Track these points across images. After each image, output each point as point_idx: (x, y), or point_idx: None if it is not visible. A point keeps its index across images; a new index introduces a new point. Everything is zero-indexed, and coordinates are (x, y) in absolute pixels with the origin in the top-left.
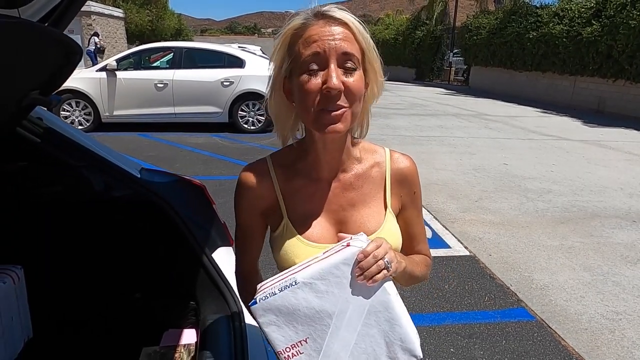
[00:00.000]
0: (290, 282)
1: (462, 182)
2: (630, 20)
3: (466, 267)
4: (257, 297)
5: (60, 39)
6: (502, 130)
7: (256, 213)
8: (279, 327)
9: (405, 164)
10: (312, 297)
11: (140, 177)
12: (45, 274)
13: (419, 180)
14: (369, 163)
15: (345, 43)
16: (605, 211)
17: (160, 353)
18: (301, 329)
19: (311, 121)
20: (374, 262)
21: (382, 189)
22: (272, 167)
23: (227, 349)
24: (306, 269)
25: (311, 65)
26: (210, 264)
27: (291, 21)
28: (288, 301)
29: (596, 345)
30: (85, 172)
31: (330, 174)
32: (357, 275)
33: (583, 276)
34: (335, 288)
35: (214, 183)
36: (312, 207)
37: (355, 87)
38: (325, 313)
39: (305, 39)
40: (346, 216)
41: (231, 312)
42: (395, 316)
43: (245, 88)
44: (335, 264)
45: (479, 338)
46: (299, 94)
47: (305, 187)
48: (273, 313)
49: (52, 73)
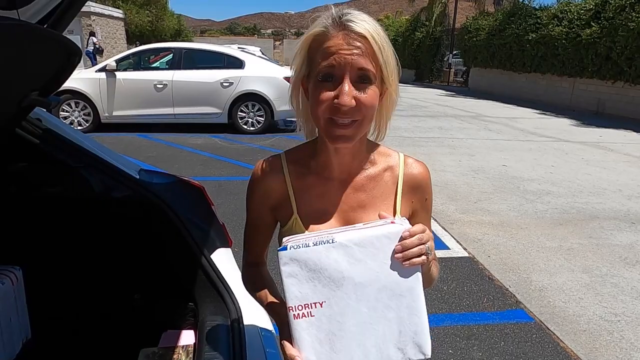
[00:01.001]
0: (327, 239)
1: (461, 184)
2: (629, 22)
3: (465, 268)
4: (288, 243)
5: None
6: (501, 131)
7: (267, 206)
8: (299, 282)
9: (418, 170)
10: (344, 261)
11: (138, 177)
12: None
13: (431, 187)
14: (382, 166)
15: (363, 59)
16: (604, 213)
17: (158, 354)
18: (320, 291)
19: (321, 128)
20: (417, 244)
21: (393, 193)
22: (286, 163)
23: (225, 351)
24: (346, 232)
25: (326, 76)
26: (209, 265)
27: (313, 25)
28: (318, 257)
29: (595, 347)
30: (84, 172)
31: (341, 174)
32: (397, 253)
33: (582, 278)
34: (370, 259)
35: (214, 184)
36: (322, 206)
37: (368, 102)
38: (351, 280)
39: (323, 49)
40: (355, 217)
41: (230, 313)
42: (417, 306)
43: (244, 89)
44: (378, 235)
45: (477, 339)
46: (311, 100)
47: (317, 185)
48: (298, 264)
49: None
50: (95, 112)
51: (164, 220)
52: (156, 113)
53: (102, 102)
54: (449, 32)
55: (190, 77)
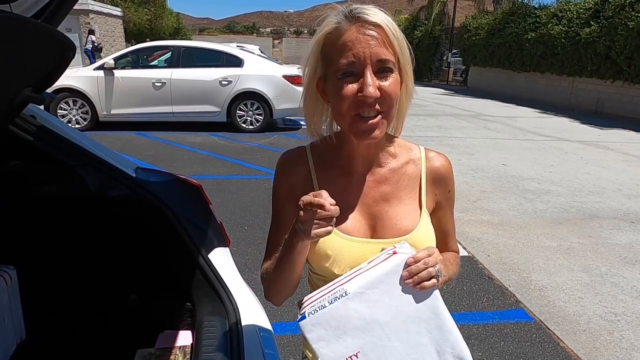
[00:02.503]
0: (341, 294)
1: (461, 183)
2: (628, 22)
3: (464, 267)
4: (305, 310)
5: (54, 35)
6: (500, 130)
7: (292, 200)
8: (328, 343)
9: (441, 163)
10: (363, 308)
11: (135, 176)
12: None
13: (453, 179)
14: (404, 159)
15: (381, 49)
16: (604, 212)
17: (155, 355)
18: (351, 343)
19: (347, 125)
20: (424, 268)
21: (417, 187)
22: (311, 155)
23: (223, 351)
24: (354, 279)
25: (346, 72)
26: (206, 264)
27: (324, 24)
28: (338, 313)
29: (595, 346)
30: (80, 170)
31: (364, 168)
32: (406, 279)
33: (581, 277)
34: (386, 297)
35: (212, 182)
36: (346, 199)
37: (392, 90)
38: (376, 323)
39: (339, 46)
40: (380, 211)
41: (228, 313)
42: (445, 323)
43: (243, 87)
44: (386, 272)
45: (477, 339)
46: (334, 99)
47: (340, 178)
48: (322, 327)
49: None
50: (93, 110)
51: (161, 219)
52: (154, 111)
53: (100, 101)
54: (448, 31)
55: (189, 76)
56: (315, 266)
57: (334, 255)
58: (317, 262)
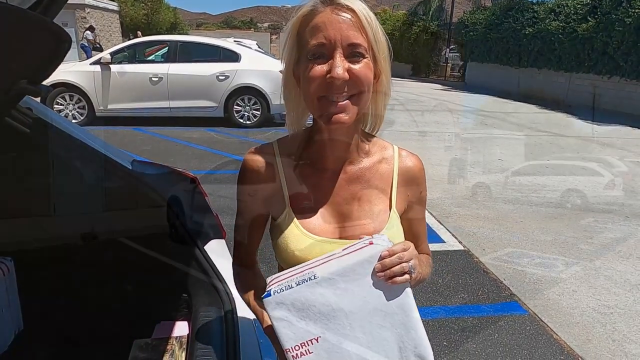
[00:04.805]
0: (309, 277)
1: (457, 177)
2: (625, 17)
3: (460, 261)
4: (270, 288)
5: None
6: (497, 126)
7: (259, 198)
8: (290, 324)
9: (413, 163)
10: (330, 294)
11: (132, 168)
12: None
13: (425, 180)
14: (378, 158)
15: (352, 33)
16: (599, 207)
17: (152, 345)
18: (313, 327)
19: (315, 109)
20: (397, 263)
21: (388, 187)
22: (278, 152)
23: (219, 342)
24: (326, 264)
25: (317, 53)
26: (202, 256)
27: (300, 7)
28: (304, 296)
29: (588, 338)
30: (76, 162)
31: (336, 164)
32: (378, 272)
33: (576, 271)
34: (355, 286)
35: (209, 177)
36: (315, 197)
37: (361, 73)
38: (341, 312)
39: (312, 27)
40: (350, 210)
41: (223, 304)
42: (411, 320)
43: (240, 82)
44: (359, 261)
45: (472, 332)
46: (303, 81)
47: (310, 176)
48: (286, 307)
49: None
50: (90, 105)
51: (157, 211)
52: (151, 106)
53: (97, 95)
54: (446, 27)
55: (186, 70)
56: (283, 264)
57: (302, 255)
58: (285, 260)
